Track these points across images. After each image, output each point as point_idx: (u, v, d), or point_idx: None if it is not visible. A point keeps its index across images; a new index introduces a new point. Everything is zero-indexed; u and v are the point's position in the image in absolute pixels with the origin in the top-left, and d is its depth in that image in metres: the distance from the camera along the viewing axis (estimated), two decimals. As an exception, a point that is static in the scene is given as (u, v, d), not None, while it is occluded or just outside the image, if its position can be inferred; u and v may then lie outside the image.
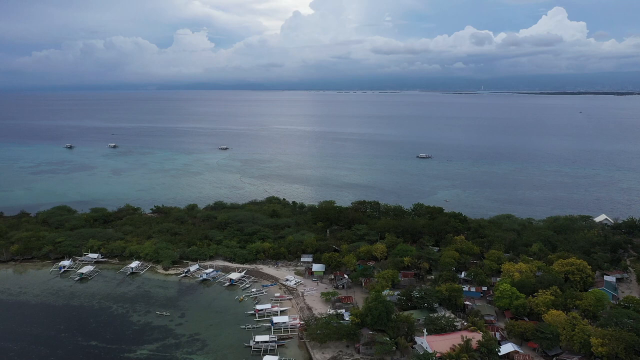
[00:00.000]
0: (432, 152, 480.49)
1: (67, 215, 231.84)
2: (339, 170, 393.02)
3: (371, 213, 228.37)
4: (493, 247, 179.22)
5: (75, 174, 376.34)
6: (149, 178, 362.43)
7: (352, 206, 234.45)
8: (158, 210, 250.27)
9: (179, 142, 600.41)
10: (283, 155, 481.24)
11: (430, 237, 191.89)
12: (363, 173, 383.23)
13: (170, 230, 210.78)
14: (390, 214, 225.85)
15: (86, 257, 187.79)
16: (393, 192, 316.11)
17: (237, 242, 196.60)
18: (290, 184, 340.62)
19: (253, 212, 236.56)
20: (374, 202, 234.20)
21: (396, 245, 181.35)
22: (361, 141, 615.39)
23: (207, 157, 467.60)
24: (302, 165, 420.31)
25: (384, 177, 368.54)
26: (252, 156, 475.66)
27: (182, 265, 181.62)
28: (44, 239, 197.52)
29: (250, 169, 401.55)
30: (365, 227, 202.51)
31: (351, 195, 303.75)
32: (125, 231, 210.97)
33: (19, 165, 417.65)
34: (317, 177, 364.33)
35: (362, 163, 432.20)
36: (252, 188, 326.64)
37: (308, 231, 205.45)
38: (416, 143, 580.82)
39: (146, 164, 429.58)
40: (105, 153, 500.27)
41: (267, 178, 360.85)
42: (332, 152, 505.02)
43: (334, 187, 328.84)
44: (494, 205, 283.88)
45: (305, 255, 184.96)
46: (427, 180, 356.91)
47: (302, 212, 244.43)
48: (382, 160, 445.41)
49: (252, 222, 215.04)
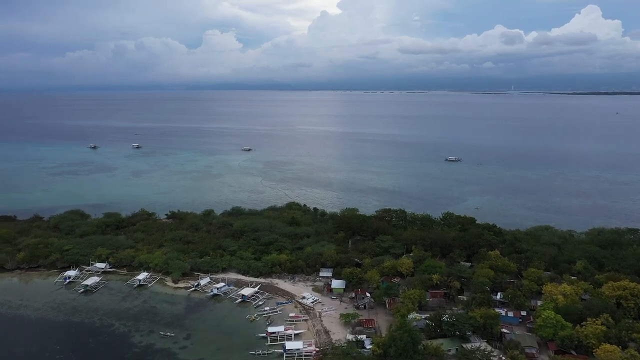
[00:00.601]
0: (462, 155, 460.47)
1: (79, 220, 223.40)
2: (363, 174, 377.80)
3: (397, 222, 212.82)
4: (532, 264, 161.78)
5: (96, 175, 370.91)
6: (169, 180, 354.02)
7: (376, 215, 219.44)
8: (173, 216, 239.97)
9: (203, 142, 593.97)
10: (306, 157, 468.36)
11: (461, 251, 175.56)
12: (388, 177, 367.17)
13: (183, 238, 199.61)
14: (417, 223, 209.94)
15: (93, 266, 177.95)
16: (420, 198, 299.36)
17: (252, 252, 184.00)
18: (312, 188, 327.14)
19: (271, 219, 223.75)
20: (400, 211, 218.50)
21: (424, 260, 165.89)
22: (387, 143, 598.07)
23: (229, 159, 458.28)
24: (325, 168, 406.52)
25: (411, 181, 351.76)
26: (274, 158, 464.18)
27: (193, 278, 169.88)
28: (52, 246, 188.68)
29: (272, 171, 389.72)
30: (390, 239, 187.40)
31: (375, 201, 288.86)
32: (137, 238, 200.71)
33: (41, 166, 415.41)
34: (340, 181, 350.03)
35: (388, 166, 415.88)
36: (272, 192, 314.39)
37: (328, 242, 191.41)
38: (445, 145, 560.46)
39: (167, 165, 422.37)
40: (128, 154, 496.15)
41: (288, 181, 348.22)
42: (356, 154, 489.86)
43: (357, 192, 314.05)
44: (529, 214, 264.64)
45: (324, 269, 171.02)
46: (456, 185, 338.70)
47: (323, 219, 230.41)
48: (408, 163, 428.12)
49: (269, 231, 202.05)
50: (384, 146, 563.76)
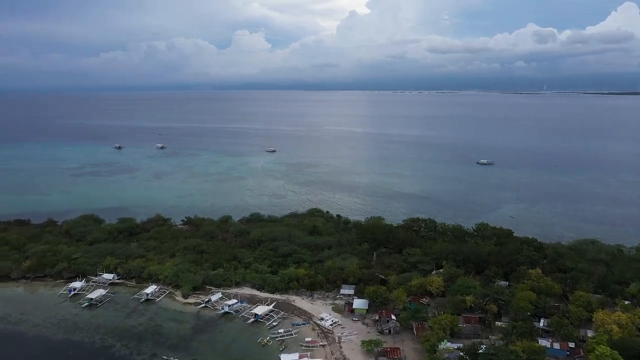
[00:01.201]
0: (494, 158, 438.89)
1: (91, 226, 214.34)
2: (390, 177, 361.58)
3: (426, 233, 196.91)
4: (579, 285, 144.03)
5: (117, 177, 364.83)
6: (190, 183, 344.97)
7: (403, 224, 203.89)
8: (189, 222, 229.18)
9: (227, 143, 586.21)
10: (331, 159, 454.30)
11: (498, 268, 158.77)
12: (417, 181, 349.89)
13: (197, 247, 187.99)
14: (448, 235, 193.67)
15: (101, 277, 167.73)
16: (450, 204, 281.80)
17: (269, 265, 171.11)
18: (336, 192, 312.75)
19: (291, 227, 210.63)
20: (430, 221, 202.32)
21: (456, 279, 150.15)
22: (416, 144, 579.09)
23: (252, 160, 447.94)
24: (351, 171, 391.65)
25: (440, 186, 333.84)
26: (299, 159, 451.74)
27: (204, 292, 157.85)
28: (60, 255, 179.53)
29: (295, 174, 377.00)
30: (419, 252, 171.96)
31: (402, 208, 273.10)
32: (149, 247, 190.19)
33: (64, 166, 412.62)
34: (365, 185, 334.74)
35: (416, 169, 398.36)
36: (294, 197, 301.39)
37: (351, 254, 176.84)
38: (476, 147, 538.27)
39: (190, 166, 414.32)
40: (151, 154, 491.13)
41: (312, 185, 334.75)
42: (383, 156, 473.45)
43: (383, 197, 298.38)
44: (569, 224, 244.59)
45: (345, 286, 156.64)
46: (488, 191, 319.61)
47: (347, 228, 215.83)
48: (438, 166, 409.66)
49: (288, 241, 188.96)
50: (412, 148, 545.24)
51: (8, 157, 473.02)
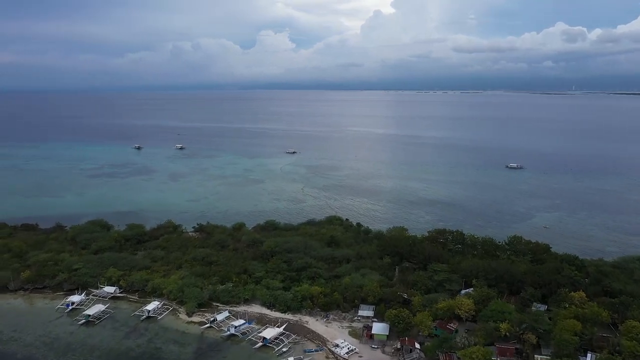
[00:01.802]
0: (524, 162, 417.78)
1: (98, 232, 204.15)
2: (413, 182, 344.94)
3: (453, 247, 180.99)
4: (631, 312, 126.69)
5: (132, 179, 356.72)
6: (205, 185, 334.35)
7: (428, 236, 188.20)
8: (200, 229, 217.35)
9: (247, 144, 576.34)
10: (353, 162, 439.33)
11: (535, 289, 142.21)
12: (442, 186, 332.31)
13: (206, 258, 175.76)
14: (478, 249, 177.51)
15: (102, 290, 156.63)
16: (479, 213, 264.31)
17: (282, 280, 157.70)
18: (357, 197, 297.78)
19: (308, 236, 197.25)
20: (457, 233, 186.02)
21: (488, 301, 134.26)
22: (441, 146, 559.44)
23: (271, 162, 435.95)
24: (373, 175, 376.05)
25: (467, 192, 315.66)
26: (319, 162, 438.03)
27: (210, 310, 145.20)
28: (62, 264, 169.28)
29: (315, 177, 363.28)
30: (446, 269, 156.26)
31: (427, 215, 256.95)
32: (155, 257, 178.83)
33: (81, 167, 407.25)
34: (388, 191, 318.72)
35: (441, 173, 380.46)
36: (313, 202, 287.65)
37: (371, 269, 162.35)
38: (504, 150, 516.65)
39: (207, 168, 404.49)
40: (170, 155, 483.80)
41: (332, 189, 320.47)
42: (407, 159, 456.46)
43: (406, 204, 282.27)
44: (611, 237, 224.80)
45: (364, 307, 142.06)
46: (519, 198, 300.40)
47: (367, 239, 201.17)
48: (464, 171, 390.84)
49: (303, 253, 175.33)
50: (437, 150, 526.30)
51: (29, 157, 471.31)
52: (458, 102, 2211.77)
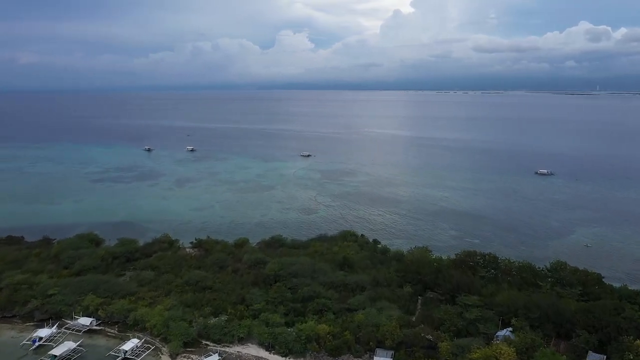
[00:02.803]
0: (554, 167, 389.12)
1: (85, 248, 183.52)
2: (436, 190, 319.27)
3: (485, 273, 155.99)
4: None
5: (137, 184, 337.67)
6: (212, 192, 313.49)
7: (456, 258, 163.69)
8: (199, 245, 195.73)
9: (261, 146, 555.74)
10: (370, 166, 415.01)
11: (589, 334, 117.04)
12: (467, 195, 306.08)
13: (200, 282, 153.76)
14: (514, 276, 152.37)
15: (77, 322, 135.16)
16: (509, 227, 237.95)
17: (284, 312, 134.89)
18: (374, 208, 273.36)
19: (317, 256, 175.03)
20: (490, 256, 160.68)
21: (534, 350, 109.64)
22: (463, 149, 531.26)
23: (284, 166, 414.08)
24: (391, 181, 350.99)
25: (494, 202, 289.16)
26: (335, 166, 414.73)
27: (198, 350, 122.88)
28: (37, 288, 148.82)
29: (329, 184, 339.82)
30: (478, 302, 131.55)
31: (452, 230, 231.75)
32: (143, 279, 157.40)
33: (87, 171, 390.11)
34: (407, 200, 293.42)
35: (465, 180, 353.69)
36: (325, 212, 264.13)
37: (389, 301, 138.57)
38: (531, 154, 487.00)
39: (217, 172, 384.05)
40: (180, 158, 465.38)
41: (347, 198, 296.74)
42: (428, 163, 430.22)
43: (428, 216, 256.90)
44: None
45: (381, 351, 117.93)
46: (553, 209, 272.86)
47: (385, 259, 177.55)
48: (490, 177, 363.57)
49: (311, 278, 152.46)
50: (459, 154, 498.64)
51: (36, 158, 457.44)
52: (479, 102, 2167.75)
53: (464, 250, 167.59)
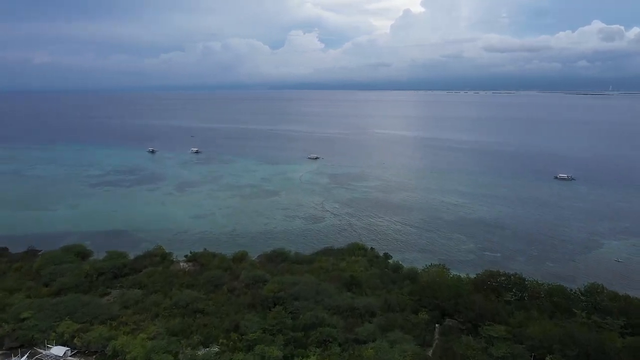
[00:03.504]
0: (574, 171, 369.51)
1: (69, 262, 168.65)
2: (450, 196, 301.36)
3: (512, 297, 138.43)
4: None
5: (136, 189, 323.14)
6: (214, 197, 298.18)
7: (477, 279, 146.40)
8: (194, 259, 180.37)
9: (267, 147, 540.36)
10: (380, 170, 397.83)
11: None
12: (482, 202, 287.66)
13: (190, 304, 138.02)
14: (544, 301, 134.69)
15: (49, 352, 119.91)
16: (530, 238, 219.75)
17: (283, 343, 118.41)
18: (385, 216, 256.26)
19: (322, 272, 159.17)
20: (516, 277, 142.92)
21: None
22: (477, 152, 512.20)
23: (291, 169, 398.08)
24: (402, 186, 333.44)
25: (513, 209, 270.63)
26: (343, 169, 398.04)
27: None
28: (10, 310, 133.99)
29: (337, 189, 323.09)
30: (505, 334, 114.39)
31: (469, 242, 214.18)
32: (128, 300, 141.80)
33: (87, 174, 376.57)
34: (420, 207, 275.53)
35: (480, 185, 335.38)
36: (333, 221, 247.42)
37: (402, 331, 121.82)
38: (549, 157, 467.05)
39: (220, 176, 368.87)
40: (184, 160, 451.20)
41: (355, 204, 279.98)
42: (440, 167, 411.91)
43: (443, 226, 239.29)
44: None
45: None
46: (577, 218, 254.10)
47: (397, 278, 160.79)
48: (506, 182, 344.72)
49: (314, 301, 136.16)
50: (473, 156, 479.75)
51: (36, 160, 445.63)
52: (490, 102, 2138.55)
53: (486, 270, 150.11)
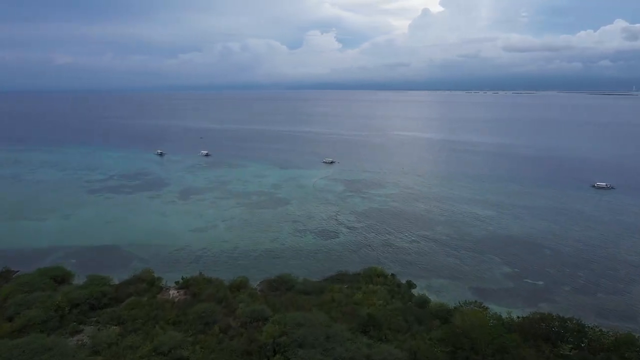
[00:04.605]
0: (612, 179, 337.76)
1: (40, 291, 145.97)
2: (477, 207, 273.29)
3: (570, 351, 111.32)
4: None
5: (137, 196, 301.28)
6: (219, 207, 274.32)
7: (523, 323, 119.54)
8: (186, 285, 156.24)
9: (281, 150, 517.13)
10: (399, 175, 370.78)
11: None
12: (515, 215, 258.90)
13: (173, 350, 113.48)
14: (611, 352, 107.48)
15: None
16: (574, 261, 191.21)
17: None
18: (405, 231, 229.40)
19: (334, 308, 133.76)
20: (573, 324, 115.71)
21: None
22: (502, 155, 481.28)
23: (304, 175, 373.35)
24: (423, 195, 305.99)
25: (551, 225, 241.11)
26: (360, 175, 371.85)
27: None
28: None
29: (353, 197, 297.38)
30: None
31: (503, 264, 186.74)
32: (100, 344, 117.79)
33: (88, 178, 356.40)
34: (445, 221, 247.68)
35: (510, 194, 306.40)
36: (348, 237, 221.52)
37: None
38: (582, 162, 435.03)
39: (228, 182, 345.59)
40: (191, 164, 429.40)
41: (373, 217, 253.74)
42: (463, 172, 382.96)
43: (472, 244, 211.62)
44: None
45: None
46: (625, 235, 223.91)
47: (423, 315, 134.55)
48: (539, 191, 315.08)
49: (322, 349, 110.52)
50: (499, 161, 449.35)
51: (40, 163, 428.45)
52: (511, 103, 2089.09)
53: (535, 312, 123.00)
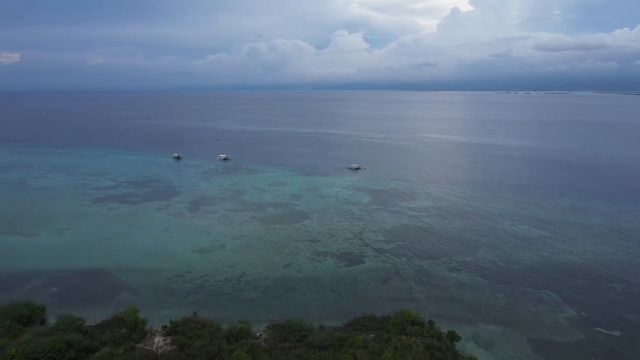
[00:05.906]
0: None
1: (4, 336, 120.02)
2: (523, 226, 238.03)
3: None
4: None
5: (143, 207, 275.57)
6: (229, 221, 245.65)
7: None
8: (174, 331, 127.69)
9: (303, 154, 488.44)
10: (430, 185, 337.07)
11: None
12: (570, 237, 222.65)
13: None
14: None
15: None
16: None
17: None
18: (442, 257, 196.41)
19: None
20: None
21: None
22: (545, 163, 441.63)
23: (327, 183, 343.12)
24: (460, 209, 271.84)
25: (615, 250, 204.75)
26: (388, 184, 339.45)
27: None
28: None
29: (380, 211, 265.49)
30: None
31: (565, 302, 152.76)
32: None
33: (95, 185, 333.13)
34: (487, 243, 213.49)
35: (560, 209, 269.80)
36: (374, 262, 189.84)
37: None
38: (628, 170, 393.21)
39: (243, 190, 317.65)
40: (208, 169, 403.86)
41: (403, 236, 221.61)
42: (502, 181, 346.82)
43: (523, 275, 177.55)
44: None
45: None
46: None
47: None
48: (593, 206, 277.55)
49: None
50: (542, 168, 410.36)
51: (48, 167, 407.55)
52: (544, 103, 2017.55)
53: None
